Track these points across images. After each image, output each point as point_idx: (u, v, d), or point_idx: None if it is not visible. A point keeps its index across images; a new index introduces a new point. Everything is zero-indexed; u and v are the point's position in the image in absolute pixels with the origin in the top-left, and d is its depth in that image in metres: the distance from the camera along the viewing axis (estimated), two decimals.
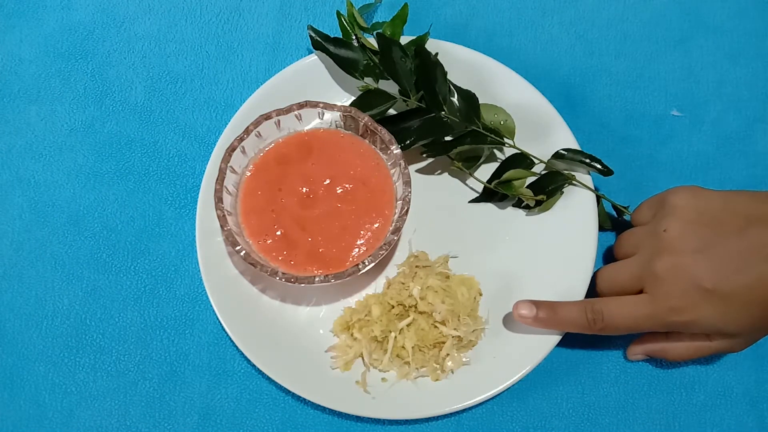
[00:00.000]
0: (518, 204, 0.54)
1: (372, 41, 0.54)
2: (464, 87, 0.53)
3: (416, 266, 0.52)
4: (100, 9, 0.61)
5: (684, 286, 0.44)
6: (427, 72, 0.52)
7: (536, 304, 0.48)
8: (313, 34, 0.54)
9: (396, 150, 0.50)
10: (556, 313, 0.48)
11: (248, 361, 0.51)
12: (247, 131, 0.50)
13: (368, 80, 0.54)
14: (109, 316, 0.54)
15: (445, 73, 0.52)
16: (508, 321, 0.51)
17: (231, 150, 0.50)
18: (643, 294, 0.46)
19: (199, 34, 0.61)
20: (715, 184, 0.49)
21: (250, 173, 0.52)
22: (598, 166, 0.52)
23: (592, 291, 0.52)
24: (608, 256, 0.55)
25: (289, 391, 0.51)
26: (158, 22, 0.61)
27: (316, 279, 0.47)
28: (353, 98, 0.55)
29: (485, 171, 0.54)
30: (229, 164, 0.50)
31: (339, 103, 0.54)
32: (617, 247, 0.50)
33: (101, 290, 0.54)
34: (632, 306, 0.46)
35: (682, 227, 0.45)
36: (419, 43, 0.53)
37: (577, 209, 0.53)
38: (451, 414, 0.51)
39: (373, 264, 0.48)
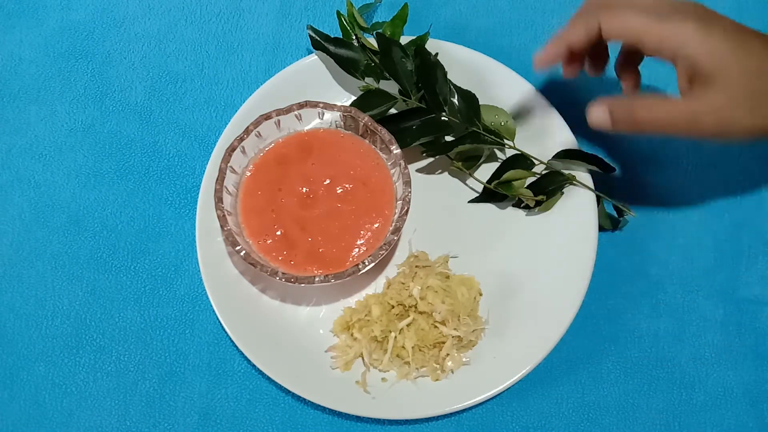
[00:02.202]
0: (518, 204, 0.54)
1: (372, 41, 0.54)
2: (464, 87, 0.53)
3: (416, 266, 0.52)
4: (100, 9, 0.61)
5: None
6: (427, 72, 0.52)
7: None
8: (313, 34, 0.54)
9: (396, 150, 0.50)
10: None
11: (248, 361, 0.51)
12: (247, 131, 0.50)
13: (369, 80, 0.54)
14: (109, 316, 0.54)
15: (445, 74, 0.52)
16: (508, 321, 0.51)
17: (231, 150, 0.50)
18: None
19: (199, 34, 0.60)
20: (715, 184, 0.49)
21: (250, 173, 0.52)
22: (601, 165, 0.52)
23: (592, 291, 0.52)
24: (608, 255, 0.55)
25: (289, 391, 0.50)
26: (158, 22, 0.61)
27: (316, 279, 0.47)
28: (353, 98, 0.55)
29: (485, 171, 0.54)
30: (229, 164, 0.50)
31: (339, 103, 0.54)
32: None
33: (101, 290, 0.54)
34: None
35: None
36: (419, 43, 0.53)
37: (577, 209, 0.53)
38: (451, 414, 0.51)
39: (373, 264, 0.48)
